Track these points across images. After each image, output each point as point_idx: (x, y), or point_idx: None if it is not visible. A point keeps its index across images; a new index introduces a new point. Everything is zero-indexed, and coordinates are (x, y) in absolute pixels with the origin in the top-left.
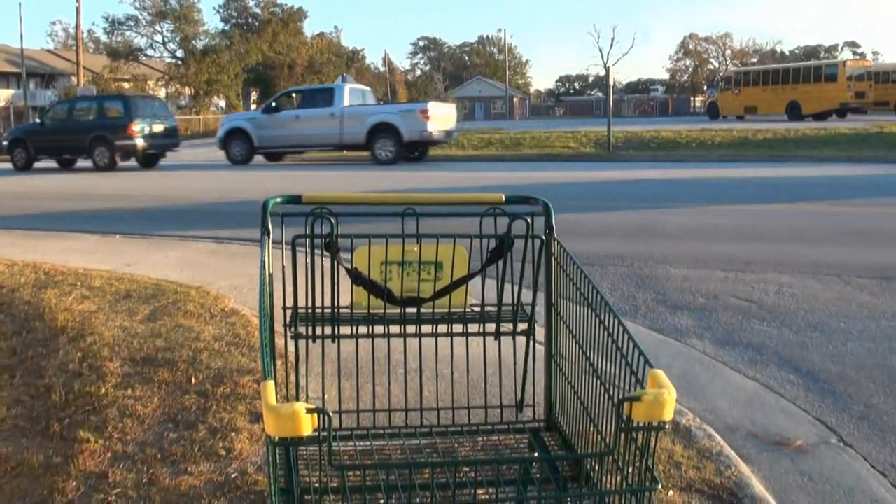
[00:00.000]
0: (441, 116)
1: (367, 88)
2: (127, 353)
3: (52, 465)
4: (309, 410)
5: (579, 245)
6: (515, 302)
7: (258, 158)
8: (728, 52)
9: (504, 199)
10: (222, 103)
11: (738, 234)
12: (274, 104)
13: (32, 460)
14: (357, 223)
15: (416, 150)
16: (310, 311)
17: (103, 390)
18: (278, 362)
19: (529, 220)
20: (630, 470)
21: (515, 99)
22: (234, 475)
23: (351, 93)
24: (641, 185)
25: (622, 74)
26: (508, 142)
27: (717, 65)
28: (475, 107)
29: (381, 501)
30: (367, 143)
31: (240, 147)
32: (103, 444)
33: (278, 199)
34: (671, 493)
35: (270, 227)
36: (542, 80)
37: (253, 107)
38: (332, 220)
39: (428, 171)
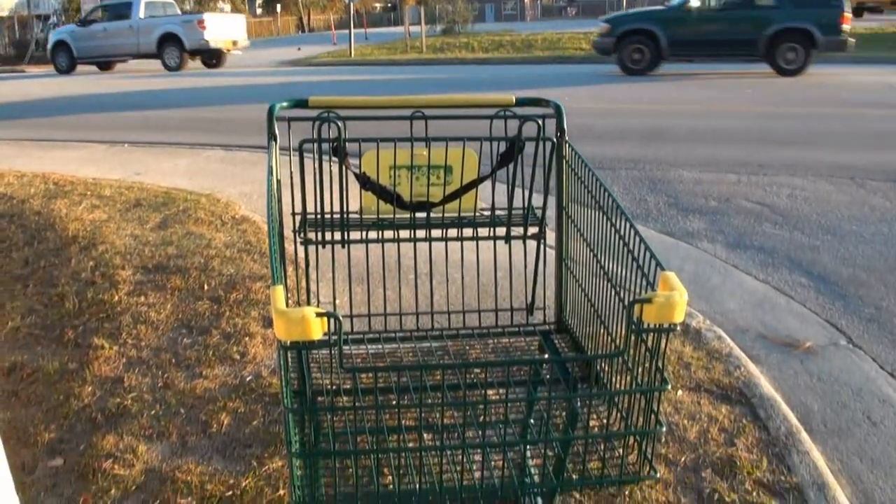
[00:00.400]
0: (220, 27)
1: (170, 0)
2: (139, 260)
3: (67, 371)
4: (319, 314)
5: (590, 148)
6: (526, 206)
7: (91, 68)
8: None
9: (514, 100)
10: (227, 7)
11: (751, 136)
12: (89, 18)
13: (48, 367)
14: (365, 126)
15: (212, 59)
16: (319, 216)
17: (116, 298)
18: (290, 268)
19: (540, 122)
20: (640, 371)
21: None
22: (248, 378)
23: (147, 5)
24: (654, 87)
25: None
26: (519, 44)
27: None
28: (485, 8)
29: (394, 402)
30: (158, 51)
31: (63, 58)
32: (118, 350)
33: (284, 104)
34: (680, 393)
35: (277, 132)
36: None
37: (259, 11)
38: (340, 125)
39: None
